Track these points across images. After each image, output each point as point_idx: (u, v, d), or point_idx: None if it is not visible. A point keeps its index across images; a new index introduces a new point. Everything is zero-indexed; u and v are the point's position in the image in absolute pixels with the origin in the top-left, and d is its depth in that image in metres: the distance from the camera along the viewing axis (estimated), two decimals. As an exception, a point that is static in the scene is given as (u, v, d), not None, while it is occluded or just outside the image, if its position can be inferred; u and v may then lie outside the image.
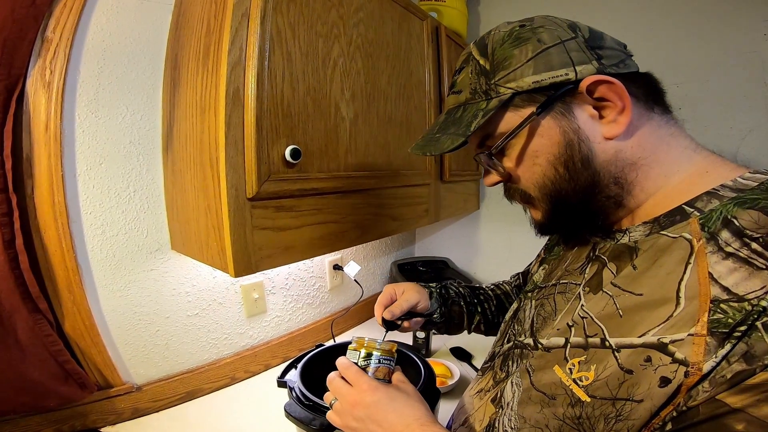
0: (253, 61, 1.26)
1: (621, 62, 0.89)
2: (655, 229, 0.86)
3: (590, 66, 0.86)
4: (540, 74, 0.88)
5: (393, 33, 1.87)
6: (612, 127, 0.87)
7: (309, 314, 2.47)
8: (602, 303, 0.87)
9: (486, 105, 0.94)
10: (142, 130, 1.63)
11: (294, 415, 1.27)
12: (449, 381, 1.99)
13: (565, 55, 0.88)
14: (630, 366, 0.75)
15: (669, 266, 0.78)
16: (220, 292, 1.98)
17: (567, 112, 0.89)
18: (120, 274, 1.63)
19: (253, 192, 1.29)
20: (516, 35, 0.93)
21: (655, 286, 0.78)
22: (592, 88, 0.86)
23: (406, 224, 2.09)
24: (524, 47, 0.90)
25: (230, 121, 1.24)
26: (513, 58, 0.91)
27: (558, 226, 1.04)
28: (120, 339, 1.66)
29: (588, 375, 0.81)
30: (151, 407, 1.75)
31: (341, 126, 1.59)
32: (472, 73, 0.99)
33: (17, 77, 1.30)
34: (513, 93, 0.91)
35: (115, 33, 1.52)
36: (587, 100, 0.88)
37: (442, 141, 1.00)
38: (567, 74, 0.87)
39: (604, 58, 0.88)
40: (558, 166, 0.92)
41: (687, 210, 0.82)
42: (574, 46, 0.88)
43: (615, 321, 0.82)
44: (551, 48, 0.88)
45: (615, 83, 0.84)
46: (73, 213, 1.48)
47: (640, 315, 0.78)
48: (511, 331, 1.18)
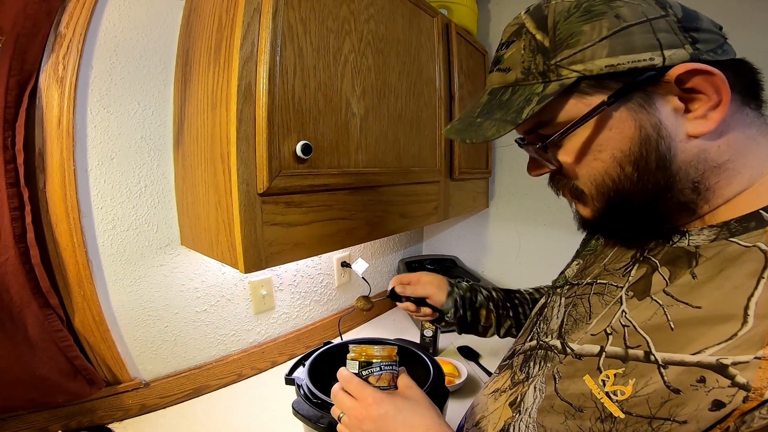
0: (264, 56, 1.26)
1: (719, 47, 0.75)
2: (723, 234, 0.75)
3: (682, 51, 0.72)
4: (616, 56, 0.74)
5: (403, 29, 1.86)
6: (700, 124, 0.74)
7: (316, 311, 2.48)
8: (649, 312, 0.77)
9: (543, 89, 0.80)
10: (153, 125, 1.63)
11: (302, 413, 1.27)
12: (456, 380, 1.99)
13: (652, 36, 0.73)
14: (678, 385, 0.68)
15: (737, 279, 0.69)
16: (229, 288, 1.98)
17: (647, 104, 0.76)
18: (130, 270, 1.63)
19: (263, 187, 1.29)
20: (586, 7, 0.77)
21: (719, 300, 0.69)
22: (684, 78, 0.72)
23: (415, 222, 2.09)
24: (597, 23, 0.75)
25: (242, 117, 1.24)
26: (582, 35, 0.76)
27: (608, 227, 0.94)
28: (129, 335, 1.67)
29: (625, 390, 0.74)
30: (158, 403, 1.76)
31: (352, 122, 1.59)
32: (525, 49, 0.83)
33: (30, 72, 1.31)
34: (579, 77, 0.77)
35: (127, 28, 1.52)
36: (673, 91, 0.75)
37: (485, 127, 0.86)
38: (652, 59, 0.72)
39: (700, 42, 0.74)
40: (626, 164, 0.80)
41: (764, 216, 0.72)
42: (664, 25, 0.73)
43: (664, 334, 0.73)
44: (634, 26, 0.74)
45: (715, 74, 0.70)
46: (85, 208, 1.49)
47: (696, 330, 0.69)
48: (537, 328, 1.09)
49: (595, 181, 0.85)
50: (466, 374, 2.04)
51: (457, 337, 2.49)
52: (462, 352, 2.34)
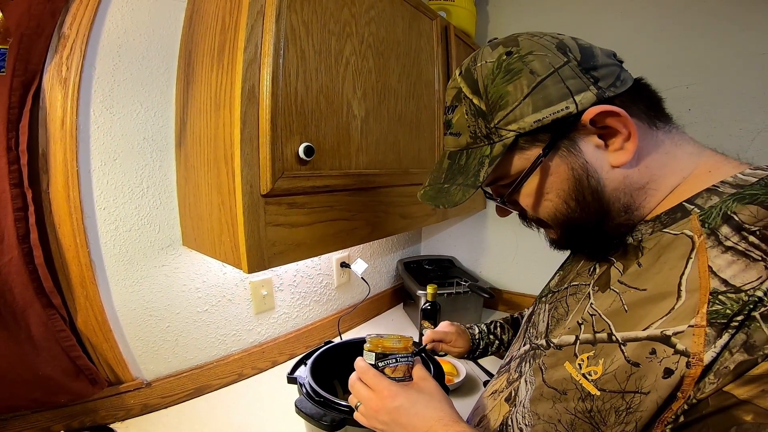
0: (268, 59, 1.27)
1: (617, 80, 0.86)
2: (657, 227, 0.86)
3: (589, 93, 0.83)
4: (540, 111, 0.85)
5: (403, 32, 1.87)
6: (619, 155, 0.86)
7: (316, 311, 2.48)
8: (609, 300, 0.88)
9: (490, 151, 0.92)
10: (155, 126, 1.64)
11: (305, 411, 1.28)
12: (456, 379, 2.01)
13: (562, 86, 0.84)
14: (636, 359, 0.76)
15: (672, 262, 0.79)
16: (230, 288, 1.99)
17: (573, 148, 0.87)
18: (132, 270, 1.64)
19: (267, 188, 1.30)
20: (506, 67, 0.89)
21: (659, 282, 0.79)
22: (596, 119, 0.83)
23: (415, 222, 2.10)
24: (518, 82, 0.87)
25: (245, 119, 1.25)
26: (509, 96, 0.87)
27: (570, 246, 1.08)
28: (131, 335, 1.68)
29: (596, 369, 0.82)
30: (160, 403, 1.76)
31: (353, 124, 1.60)
32: (467, 114, 0.95)
33: (34, 73, 1.31)
34: (516, 135, 0.88)
35: (130, 30, 1.53)
36: (591, 131, 0.85)
37: (453, 193, 0.97)
38: (567, 107, 0.83)
39: (600, 79, 0.85)
40: (569, 200, 0.91)
41: (687, 207, 0.82)
42: (569, 72, 0.84)
43: (621, 316, 0.83)
44: (546, 79, 0.85)
45: (619, 113, 0.82)
46: (88, 208, 1.49)
47: (644, 309, 0.79)
48: (527, 334, 1.17)
49: (550, 216, 0.96)
50: (465, 373, 2.06)
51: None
52: (461, 352, 2.33)
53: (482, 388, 2.01)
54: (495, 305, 3.10)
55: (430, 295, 2.20)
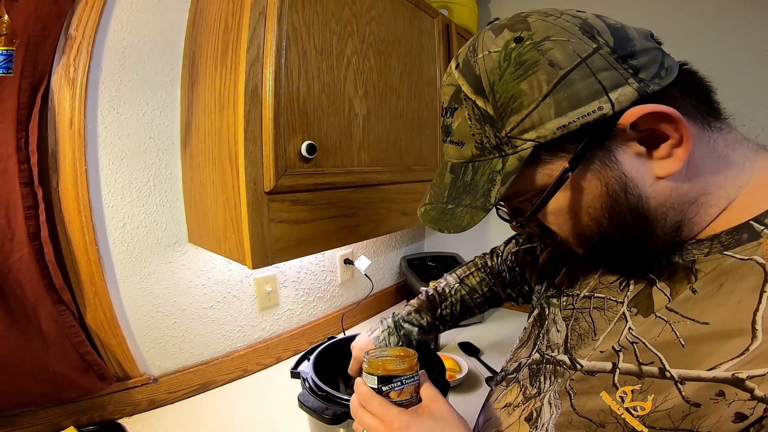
0: (270, 59, 1.29)
1: (661, 68, 0.68)
2: (715, 248, 0.71)
3: (628, 88, 0.65)
4: (565, 115, 0.67)
5: (404, 30, 1.88)
6: (667, 164, 0.68)
7: (320, 308, 2.49)
8: (657, 329, 0.73)
9: (502, 165, 0.74)
10: (161, 126, 1.66)
11: (307, 405, 1.28)
12: (458, 375, 2.01)
13: (593, 80, 0.66)
14: (698, 399, 0.65)
15: (740, 294, 0.65)
16: (235, 284, 2.00)
17: (608, 159, 0.70)
18: (139, 266, 1.66)
19: (270, 186, 1.32)
20: (516, 58, 0.70)
21: (725, 316, 0.66)
22: (639, 122, 0.66)
23: (417, 219, 2.03)
24: (534, 77, 0.68)
25: (249, 117, 1.27)
26: (523, 96, 0.69)
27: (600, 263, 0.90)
28: (138, 330, 1.69)
29: (644, 405, 0.70)
30: (166, 398, 1.77)
31: (355, 122, 1.62)
32: (470, 119, 0.76)
33: (42, 74, 1.33)
34: (534, 146, 0.71)
35: (135, 31, 1.55)
36: (631, 136, 0.68)
37: (459, 215, 0.81)
38: (601, 108, 0.65)
39: (641, 69, 0.66)
40: (601, 219, 0.75)
41: (756, 227, 0.67)
42: (600, 62, 0.66)
43: (676, 351, 0.69)
44: (572, 72, 0.66)
45: (671, 114, 0.64)
46: (96, 206, 1.51)
47: (708, 346, 0.66)
48: (538, 341, 1.02)
49: (575, 236, 0.82)
50: (466, 369, 2.05)
51: (457, 333, 2.51)
52: (463, 347, 2.35)
53: (484, 385, 2.02)
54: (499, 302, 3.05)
55: (433, 291, 2.20)
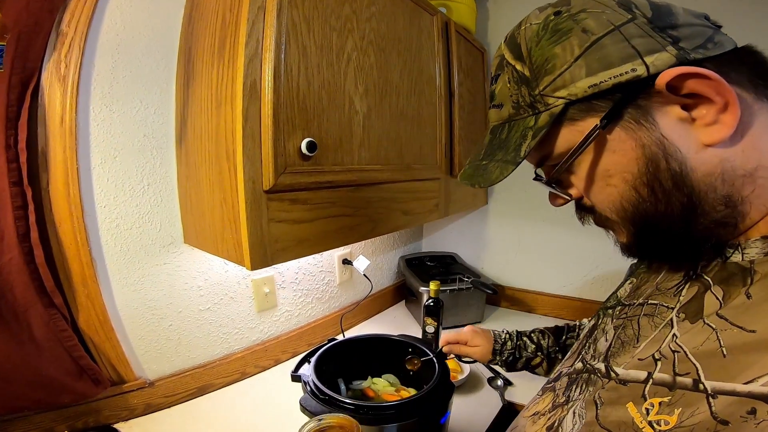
0: (269, 54, 1.27)
1: (708, 41, 0.68)
2: None
3: (665, 54, 0.66)
4: (596, 75, 0.70)
5: (404, 28, 1.87)
6: (713, 131, 0.66)
7: (318, 309, 2.49)
8: (701, 337, 0.68)
9: (534, 122, 0.79)
10: (155, 123, 1.63)
11: (309, 409, 1.28)
12: (460, 376, 2.01)
13: (626, 45, 0.68)
14: (726, 416, 0.60)
15: None
16: (232, 286, 1.99)
17: (644, 120, 0.70)
18: (133, 268, 1.63)
19: (269, 184, 1.30)
20: (553, 27, 0.75)
21: None
22: (677, 84, 0.66)
23: (417, 218, 2.11)
24: (567, 42, 0.73)
25: (247, 114, 1.25)
26: (556, 59, 0.74)
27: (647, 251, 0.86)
28: (133, 334, 1.67)
29: (669, 420, 0.66)
30: (163, 402, 1.76)
31: (355, 120, 1.60)
32: (510, 81, 0.83)
33: (32, 71, 1.30)
34: (566, 103, 0.74)
35: (129, 27, 1.52)
36: (672, 100, 0.68)
37: (490, 170, 0.85)
38: (634, 69, 0.67)
39: (682, 39, 0.67)
40: (639, 187, 0.73)
41: None
42: (635, 30, 0.68)
43: (716, 361, 0.65)
44: (603, 38, 0.70)
45: (708, 75, 0.63)
46: (88, 206, 1.48)
47: (750, 357, 0.61)
48: (584, 351, 0.99)
49: (613, 208, 0.80)
50: (468, 370, 2.06)
51: None
52: (464, 348, 2.33)
53: (486, 386, 2.03)
54: (498, 302, 3.09)
55: (433, 291, 2.19)
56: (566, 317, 2.79)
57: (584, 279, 2.73)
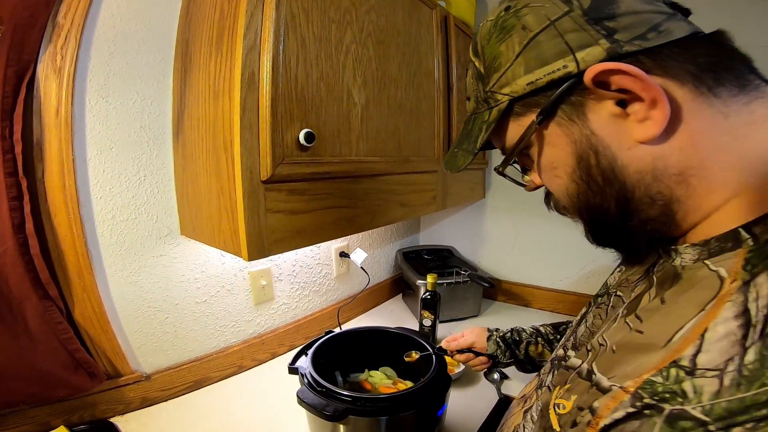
0: (268, 45, 1.26)
1: (652, 29, 0.65)
2: (703, 254, 0.65)
3: (597, 48, 0.66)
4: (533, 72, 0.72)
5: (403, 21, 1.87)
6: (644, 128, 0.65)
7: (315, 302, 2.49)
8: (620, 333, 0.71)
9: (488, 116, 0.83)
10: (152, 115, 1.62)
11: (307, 402, 1.28)
12: (456, 369, 2.01)
13: (559, 41, 0.69)
14: (584, 405, 0.64)
15: (687, 307, 0.60)
16: (229, 278, 1.98)
17: (576, 115, 0.71)
18: (130, 260, 1.63)
19: (267, 174, 1.30)
20: (500, 24, 0.77)
21: (660, 328, 0.62)
22: (604, 80, 0.65)
23: (414, 211, 2.11)
24: (510, 40, 0.75)
25: (245, 105, 1.25)
26: (502, 57, 0.77)
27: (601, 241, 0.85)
28: (129, 326, 1.67)
29: (566, 404, 0.71)
30: (159, 396, 1.76)
31: (353, 111, 1.60)
32: (472, 77, 0.88)
33: (28, 63, 1.30)
34: (510, 100, 0.78)
35: (126, 19, 1.51)
36: (606, 95, 0.67)
37: (459, 157, 0.94)
38: (566, 66, 0.69)
39: (619, 31, 0.65)
40: (578, 180, 0.76)
41: (743, 235, 0.60)
42: (569, 24, 0.68)
43: (609, 356, 0.69)
44: (540, 34, 0.71)
45: (629, 71, 0.62)
46: (84, 197, 1.48)
47: (628, 356, 0.64)
48: (568, 338, 1.03)
49: (563, 197, 0.83)
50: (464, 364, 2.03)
51: (454, 327, 2.54)
52: (461, 342, 2.33)
53: (482, 379, 2.03)
54: (495, 295, 3.10)
55: (430, 284, 2.20)
56: (562, 311, 2.80)
57: (580, 273, 2.73)
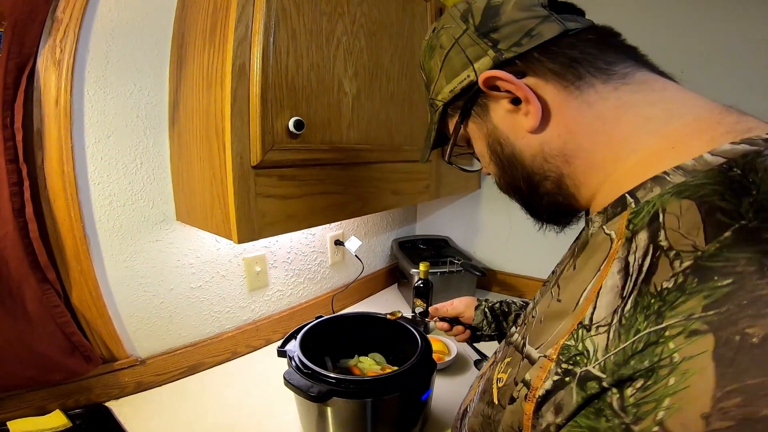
0: (258, 37, 1.29)
1: (526, 35, 0.75)
2: (603, 220, 0.69)
3: (486, 58, 0.79)
4: (450, 83, 0.87)
5: (396, 13, 1.89)
6: (528, 120, 0.76)
7: (310, 289, 2.51)
8: (545, 304, 0.76)
9: (434, 118, 0.97)
10: (149, 105, 1.65)
11: (293, 383, 1.30)
12: (446, 357, 2.03)
13: (462, 55, 0.83)
14: (518, 377, 0.68)
15: (588, 270, 0.66)
16: (223, 264, 2.01)
17: (483, 114, 0.85)
18: (126, 245, 1.66)
19: (257, 160, 1.33)
20: (429, 45, 0.93)
21: (571, 294, 0.67)
22: (493, 84, 0.77)
23: (407, 199, 2.13)
24: (435, 58, 0.90)
25: (236, 94, 1.28)
26: (432, 71, 0.92)
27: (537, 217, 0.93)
28: (125, 311, 1.69)
29: (503, 377, 0.76)
30: (154, 381, 1.78)
31: (344, 101, 1.63)
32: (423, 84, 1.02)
33: (28, 56, 1.33)
34: (443, 104, 0.92)
35: (123, 12, 1.54)
36: (500, 96, 0.79)
37: (423, 150, 1.10)
38: (468, 76, 0.83)
39: (501, 41, 0.77)
40: (496, 164, 0.88)
41: (627, 200, 0.65)
42: (467, 41, 0.82)
43: (537, 327, 0.73)
44: (450, 51, 0.86)
45: (501, 76, 0.74)
46: (82, 184, 1.51)
47: (550, 324, 0.68)
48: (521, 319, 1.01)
49: (496, 180, 0.95)
50: (455, 352, 2.07)
51: None
52: (453, 331, 2.35)
53: (472, 368, 2.05)
54: (488, 285, 3.11)
55: (423, 272, 2.23)
56: (555, 302, 2.77)
57: (572, 264, 2.71)
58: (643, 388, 0.46)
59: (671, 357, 0.45)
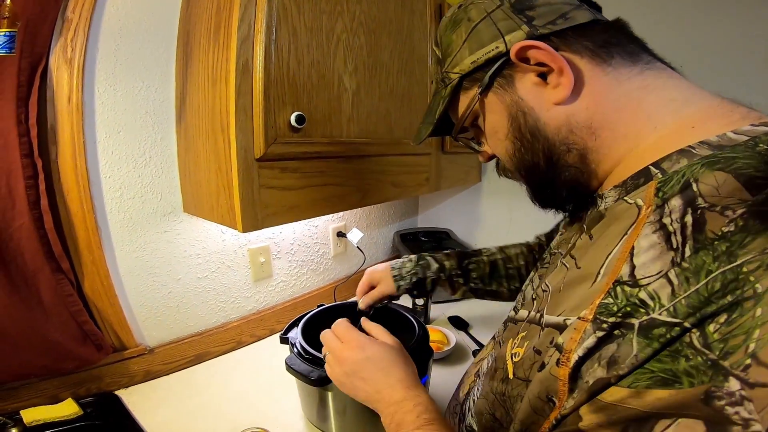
0: (260, 36, 1.34)
1: (561, 17, 0.81)
2: (621, 193, 0.74)
3: (519, 32, 0.81)
4: (475, 54, 0.88)
5: (396, 10, 1.91)
6: (557, 92, 0.79)
7: (313, 280, 2.54)
8: (560, 275, 0.81)
9: (444, 92, 0.98)
10: (156, 101, 1.70)
11: (294, 368, 1.33)
12: (445, 347, 2.03)
13: (493, 28, 0.85)
14: (540, 346, 0.71)
15: (611, 236, 0.68)
16: (229, 255, 2.04)
17: (507, 85, 0.86)
18: (136, 235, 1.70)
19: (260, 153, 1.38)
20: (453, 19, 0.94)
21: (593, 259, 0.70)
22: (524, 55, 0.80)
23: (407, 191, 2.16)
24: (459, 30, 0.91)
25: (240, 90, 1.33)
26: (453, 44, 0.93)
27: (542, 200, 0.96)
28: (134, 300, 1.74)
29: (520, 351, 0.78)
30: (161, 370, 1.83)
31: (344, 96, 1.66)
32: (434, 63, 1.03)
33: (40, 54, 1.37)
34: (460, 77, 0.92)
35: (131, 12, 1.58)
36: (529, 68, 0.82)
37: (421, 130, 1.10)
38: (498, 47, 0.84)
39: (536, 18, 0.81)
40: (513, 139, 0.89)
41: (652, 171, 0.68)
42: (500, 15, 0.84)
43: (556, 296, 0.77)
44: (479, 24, 0.87)
45: (540, 46, 0.77)
46: (94, 177, 1.55)
47: (571, 291, 0.71)
48: (518, 299, 1.09)
49: (506, 158, 0.96)
50: (454, 342, 2.08)
51: (448, 307, 2.56)
52: (452, 321, 2.40)
53: (471, 358, 2.06)
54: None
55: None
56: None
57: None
58: (728, 323, 0.48)
59: (754, 289, 0.47)
